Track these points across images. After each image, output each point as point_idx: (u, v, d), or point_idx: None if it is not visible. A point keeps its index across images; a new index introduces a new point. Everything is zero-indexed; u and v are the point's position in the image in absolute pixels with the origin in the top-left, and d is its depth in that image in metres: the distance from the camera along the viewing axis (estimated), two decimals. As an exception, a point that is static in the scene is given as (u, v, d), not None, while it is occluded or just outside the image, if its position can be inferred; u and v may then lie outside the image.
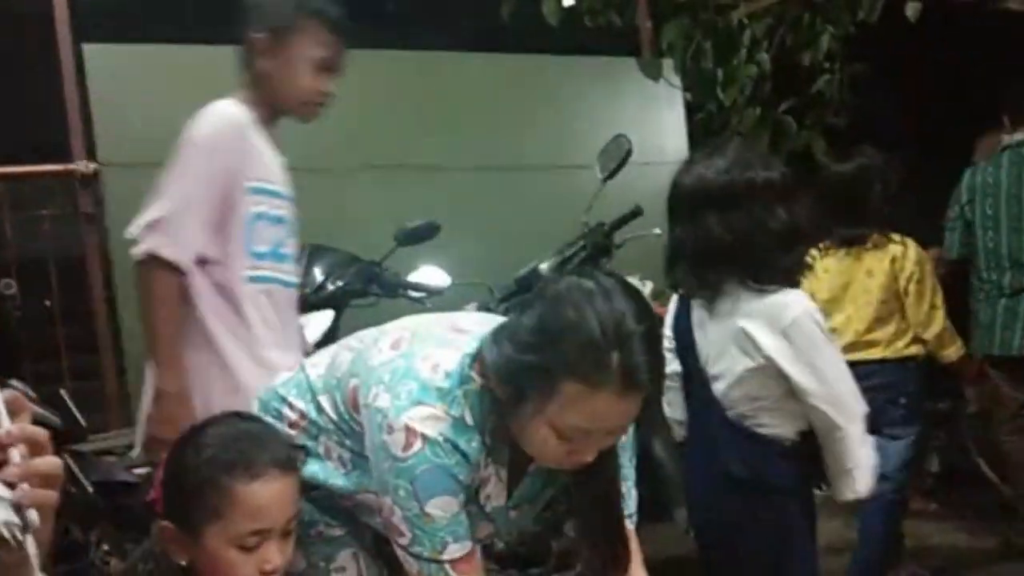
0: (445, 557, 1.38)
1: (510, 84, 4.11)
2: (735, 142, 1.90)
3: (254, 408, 1.64)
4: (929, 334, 3.00)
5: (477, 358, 1.39)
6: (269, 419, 1.60)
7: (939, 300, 3.01)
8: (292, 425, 1.59)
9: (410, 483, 1.35)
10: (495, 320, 1.50)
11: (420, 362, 1.40)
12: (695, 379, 1.83)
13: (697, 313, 1.83)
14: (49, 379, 3.40)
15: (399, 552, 1.43)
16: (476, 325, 1.49)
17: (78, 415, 2.49)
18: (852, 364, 1.82)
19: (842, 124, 4.88)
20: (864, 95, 4.97)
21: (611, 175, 2.95)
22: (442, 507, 1.37)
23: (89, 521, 2.66)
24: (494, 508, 1.52)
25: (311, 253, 3.04)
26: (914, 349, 3.03)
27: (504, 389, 1.34)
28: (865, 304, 3.01)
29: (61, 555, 2.63)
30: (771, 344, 1.70)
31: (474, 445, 1.38)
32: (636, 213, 2.93)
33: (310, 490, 1.53)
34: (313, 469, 1.55)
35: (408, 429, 1.34)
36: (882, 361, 2.97)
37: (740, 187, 1.72)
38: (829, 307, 2.93)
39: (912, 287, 2.97)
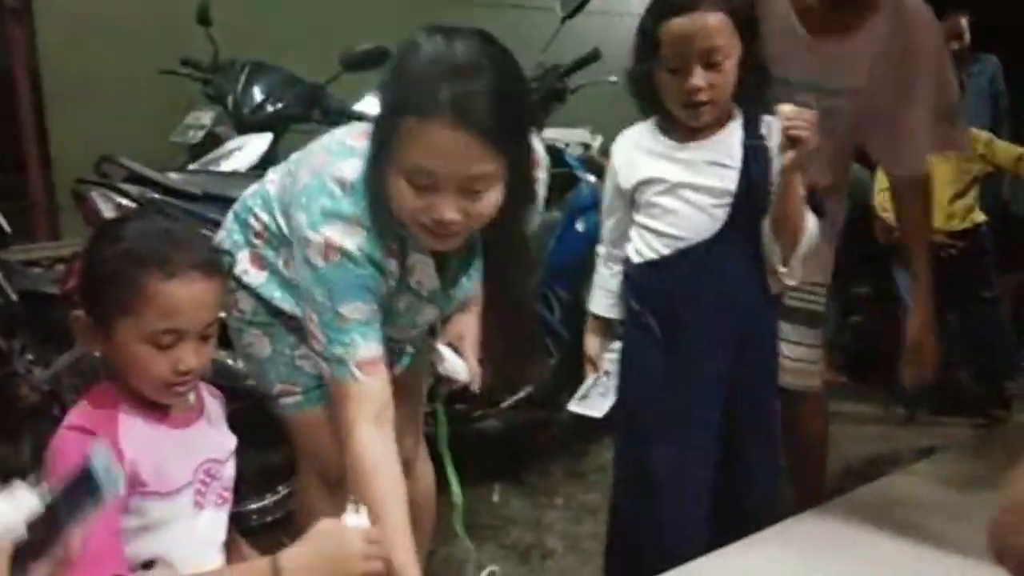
0: (353, 357, 1.44)
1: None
2: None
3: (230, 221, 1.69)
4: None
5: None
6: (238, 228, 1.66)
7: None
8: (257, 235, 1.63)
9: (327, 289, 1.42)
10: None
11: (330, 179, 1.43)
12: None
13: None
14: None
15: (317, 361, 1.50)
16: None
17: (1, 220, 2.41)
18: None
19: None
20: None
21: (572, 14, 2.85)
22: (355, 311, 1.44)
23: (12, 329, 2.62)
24: (431, 292, 1.57)
25: (250, 71, 2.92)
26: None
27: (372, 151, 1.39)
28: None
29: (-17, 362, 2.60)
30: None
31: (386, 249, 1.45)
32: (594, 56, 2.85)
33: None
34: (270, 285, 1.62)
35: (327, 242, 1.40)
36: None
37: None
38: None
39: None
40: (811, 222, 1.72)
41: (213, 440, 1.37)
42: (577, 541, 2.51)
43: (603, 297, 1.91)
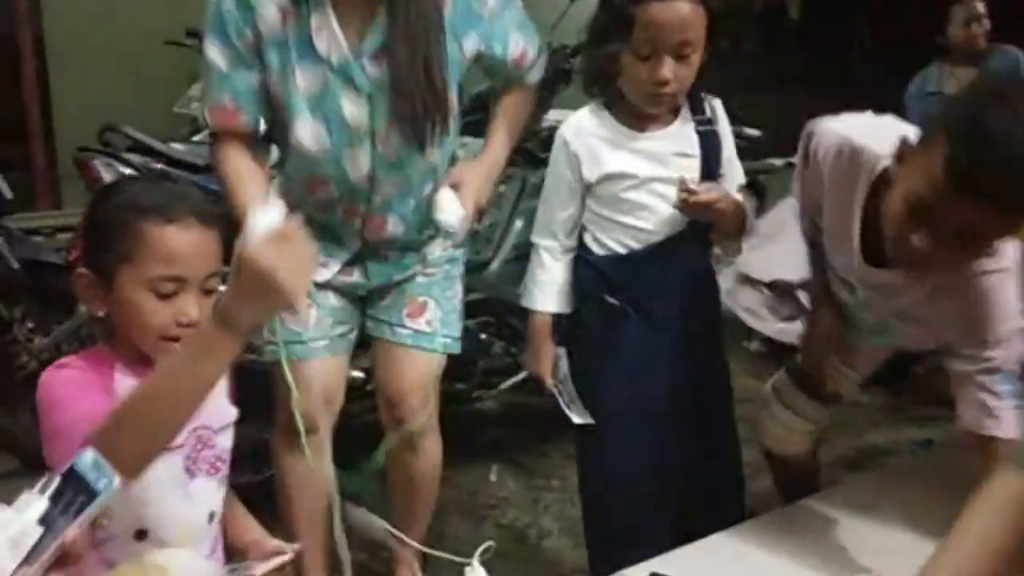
0: (211, 116, 1.66)
1: None
2: None
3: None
4: None
5: None
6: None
7: None
8: None
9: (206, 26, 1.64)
10: None
11: None
12: None
13: None
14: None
15: None
16: None
17: (3, 186, 2.41)
18: None
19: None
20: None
21: (581, -6, 2.82)
22: (216, 53, 1.63)
23: (13, 297, 2.63)
24: (341, 61, 1.63)
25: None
26: None
27: None
28: None
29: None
30: None
31: None
32: (601, 39, 2.83)
33: None
34: None
35: None
36: None
37: None
38: None
39: None
40: (749, 208, 1.73)
41: (208, 407, 1.31)
42: (573, 523, 2.50)
43: (552, 293, 1.80)
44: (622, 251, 1.74)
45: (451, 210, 1.73)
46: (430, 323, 1.85)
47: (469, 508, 2.58)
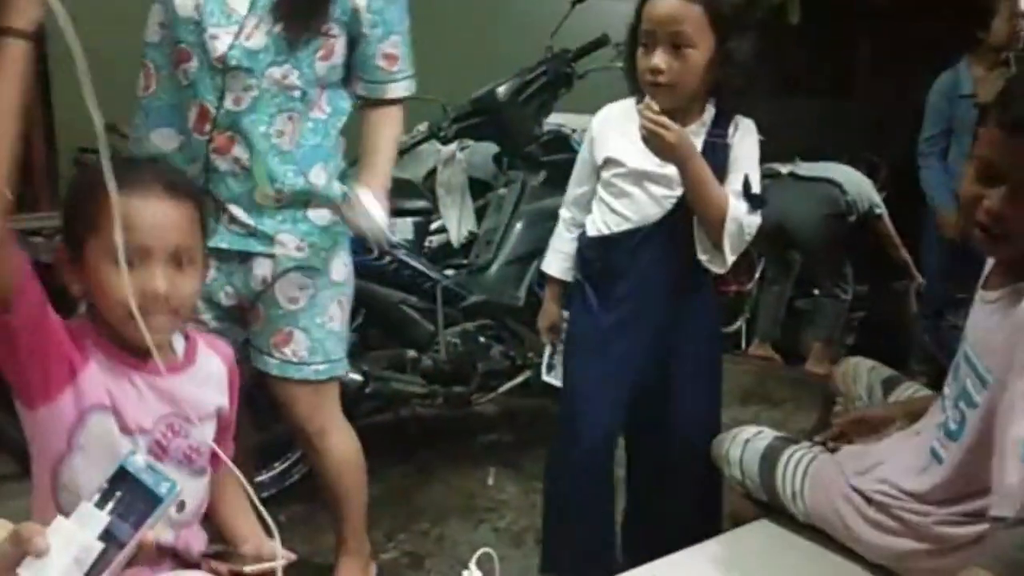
0: None
1: None
2: None
3: None
4: None
5: None
6: None
7: None
8: None
9: None
10: None
11: None
12: None
13: None
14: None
15: None
16: None
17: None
18: None
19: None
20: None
21: (582, -1, 2.83)
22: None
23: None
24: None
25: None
26: None
27: None
28: None
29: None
30: None
31: None
32: (602, 42, 2.83)
33: None
34: None
35: None
36: None
37: None
38: None
39: None
40: (738, 209, 1.74)
41: (187, 396, 1.33)
42: (570, 527, 2.51)
43: (559, 260, 2.00)
44: (605, 232, 1.85)
45: (370, 219, 1.77)
46: (296, 353, 1.85)
47: (467, 511, 2.58)
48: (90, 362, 1.23)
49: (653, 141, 1.68)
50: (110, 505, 0.84)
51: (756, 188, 1.77)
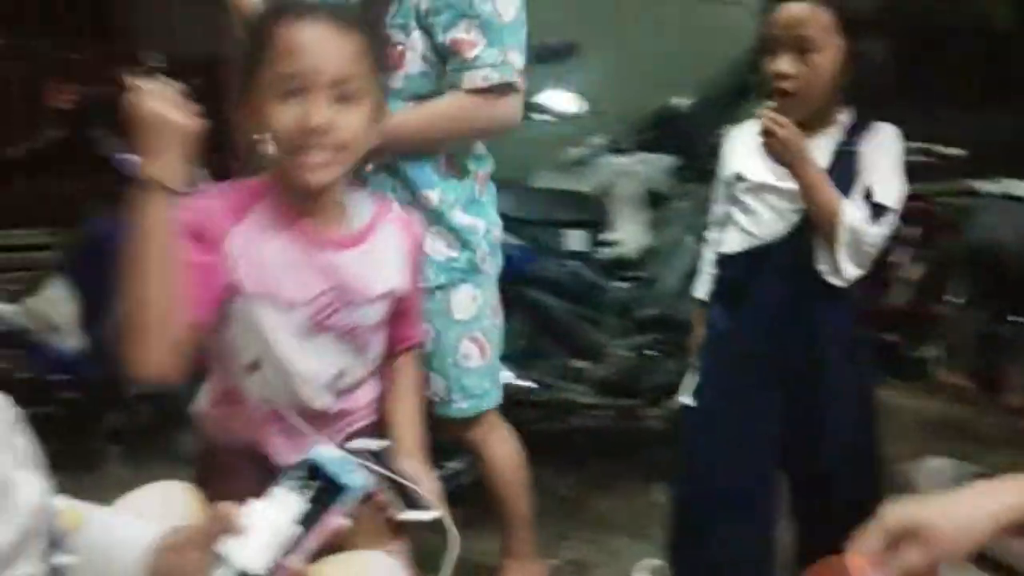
0: None
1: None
2: None
3: None
4: None
5: None
6: None
7: None
8: None
9: None
10: None
11: None
12: None
13: None
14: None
15: None
16: None
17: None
18: None
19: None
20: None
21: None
22: None
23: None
24: None
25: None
26: None
27: None
28: None
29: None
30: None
31: None
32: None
33: None
34: None
35: None
36: None
37: None
38: None
39: None
40: (853, 216, 1.64)
41: (353, 274, 1.28)
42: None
43: (704, 283, 1.95)
44: (732, 251, 1.81)
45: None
46: (436, 393, 1.83)
47: (633, 524, 2.57)
48: (250, 233, 1.21)
49: (768, 141, 1.64)
50: (302, 492, 0.86)
51: (884, 198, 1.67)
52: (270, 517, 0.85)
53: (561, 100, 2.96)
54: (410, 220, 1.42)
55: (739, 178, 1.80)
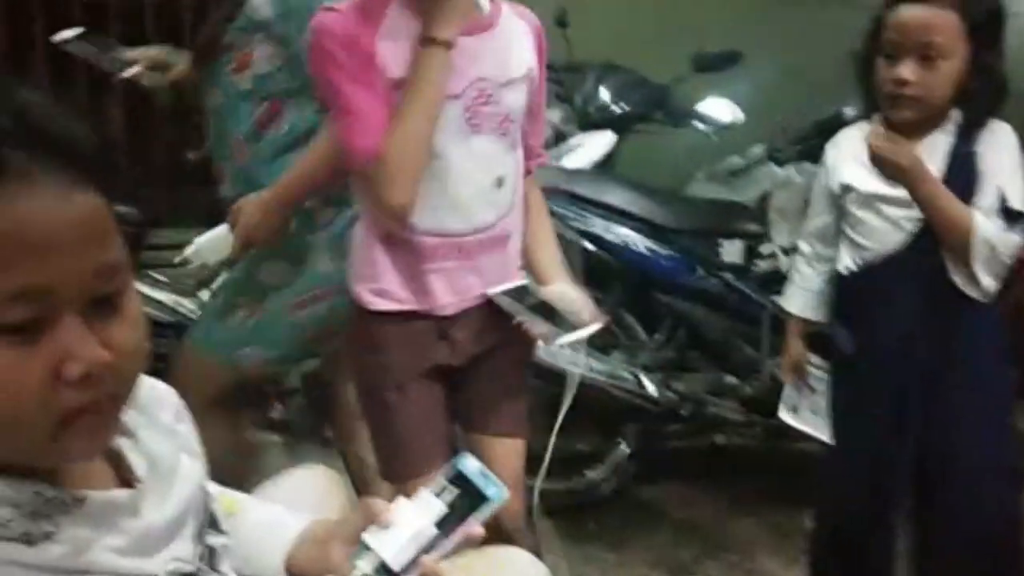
0: None
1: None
2: None
3: None
4: None
5: None
6: None
7: None
8: None
9: None
10: None
11: None
12: None
13: None
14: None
15: None
16: None
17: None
18: None
19: None
20: None
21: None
22: None
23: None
24: None
25: (601, 72, 3.00)
26: None
27: None
28: None
29: None
30: None
31: None
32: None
33: None
34: None
35: None
36: None
37: None
38: None
39: None
40: (988, 229, 1.53)
41: (495, 55, 1.33)
42: None
43: (799, 296, 1.87)
44: (848, 270, 1.72)
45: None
46: None
47: (778, 548, 2.48)
48: (392, 33, 1.27)
49: (882, 163, 1.56)
50: (445, 497, 0.89)
51: (1015, 202, 1.56)
52: (414, 516, 0.88)
53: (721, 109, 2.91)
54: (523, 8, 1.46)
55: (847, 189, 1.71)
